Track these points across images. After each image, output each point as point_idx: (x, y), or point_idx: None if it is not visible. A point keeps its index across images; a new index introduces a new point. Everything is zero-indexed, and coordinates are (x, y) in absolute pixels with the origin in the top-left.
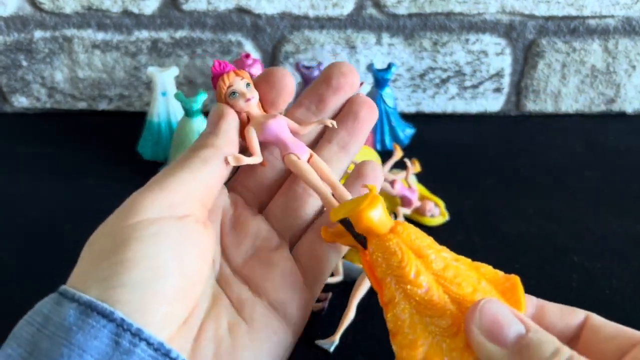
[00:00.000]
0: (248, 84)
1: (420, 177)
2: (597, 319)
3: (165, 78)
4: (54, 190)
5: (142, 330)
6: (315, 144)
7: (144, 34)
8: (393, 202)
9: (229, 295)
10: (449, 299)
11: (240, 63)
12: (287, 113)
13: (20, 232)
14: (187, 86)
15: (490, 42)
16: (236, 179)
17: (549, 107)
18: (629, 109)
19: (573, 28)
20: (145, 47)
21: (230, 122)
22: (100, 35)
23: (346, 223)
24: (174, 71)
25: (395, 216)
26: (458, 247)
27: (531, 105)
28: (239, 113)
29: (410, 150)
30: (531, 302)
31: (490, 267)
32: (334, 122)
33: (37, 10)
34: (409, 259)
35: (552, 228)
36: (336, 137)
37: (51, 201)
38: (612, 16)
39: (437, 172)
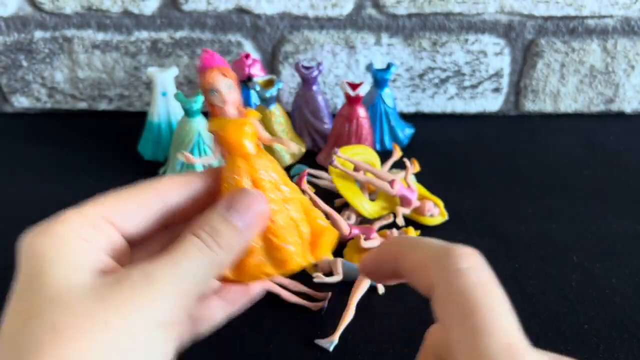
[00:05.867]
0: (231, 85)
1: (420, 177)
2: None
3: (165, 78)
4: (54, 190)
5: None
6: None
7: (144, 34)
8: (392, 202)
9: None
10: None
11: (240, 63)
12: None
13: (20, 232)
14: (187, 86)
15: (489, 42)
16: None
17: (548, 107)
18: (628, 108)
19: (572, 28)
20: (145, 47)
21: None
22: (100, 36)
23: (216, 135)
24: (173, 71)
25: (395, 216)
26: None
27: (530, 105)
28: (215, 108)
29: (410, 150)
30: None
31: (319, 218)
32: None
33: (37, 11)
34: (239, 179)
35: (551, 228)
36: None
37: (51, 201)
38: (611, 16)
39: (437, 172)
